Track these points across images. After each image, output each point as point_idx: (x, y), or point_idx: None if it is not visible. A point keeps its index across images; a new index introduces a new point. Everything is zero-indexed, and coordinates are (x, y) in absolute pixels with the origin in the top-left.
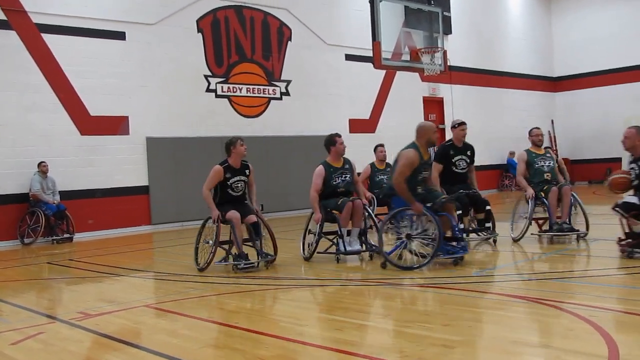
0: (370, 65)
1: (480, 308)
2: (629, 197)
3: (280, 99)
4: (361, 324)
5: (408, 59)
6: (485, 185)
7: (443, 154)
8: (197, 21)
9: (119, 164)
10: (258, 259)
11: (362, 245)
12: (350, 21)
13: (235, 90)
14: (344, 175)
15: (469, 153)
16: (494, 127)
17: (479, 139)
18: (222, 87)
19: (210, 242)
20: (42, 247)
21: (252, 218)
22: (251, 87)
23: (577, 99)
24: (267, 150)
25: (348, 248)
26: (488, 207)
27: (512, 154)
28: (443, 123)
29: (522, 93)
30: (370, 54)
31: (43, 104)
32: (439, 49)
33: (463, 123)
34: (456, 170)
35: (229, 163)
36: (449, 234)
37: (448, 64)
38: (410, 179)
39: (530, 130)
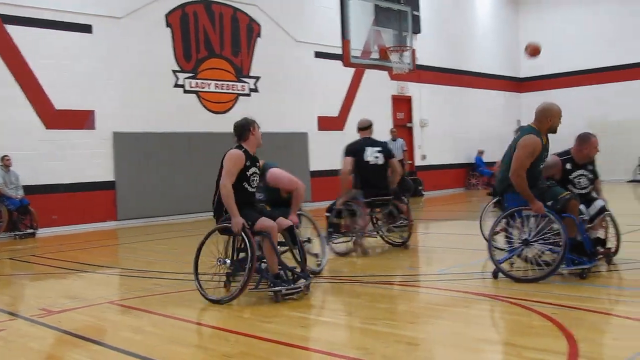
0: (340, 63)
1: (446, 306)
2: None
3: (249, 95)
4: (326, 321)
5: (377, 57)
6: (452, 183)
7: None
8: (166, 15)
9: (85, 159)
10: (296, 277)
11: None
12: (320, 19)
13: (203, 85)
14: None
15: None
16: (461, 126)
17: (447, 138)
18: (190, 82)
19: (228, 261)
20: (4, 243)
21: (287, 221)
22: (220, 82)
23: (542, 100)
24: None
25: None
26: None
27: (480, 152)
28: (411, 122)
29: (490, 93)
30: (339, 51)
31: (6, 97)
32: (408, 47)
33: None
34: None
35: (245, 149)
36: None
37: (417, 62)
38: (529, 171)
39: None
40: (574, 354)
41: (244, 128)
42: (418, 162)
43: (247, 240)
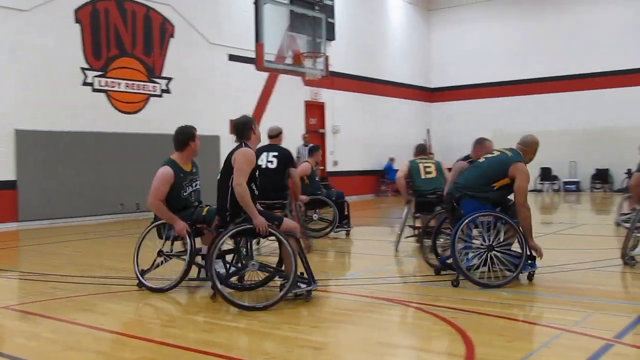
0: (253, 66)
1: (349, 310)
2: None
3: (161, 96)
4: (231, 325)
5: (291, 62)
6: (363, 190)
7: None
8: (75, 11)
9: None
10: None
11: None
12: (234, 21)
13: (113, 84)
14: (194, 183)
15: None
16: (373, 134)
17: (359, 145)
18: (99, 81)
19: (256, 263)
20: None
21: (294, 223)
22: (131, 82)
23: (451, 110)
24: (146, 148)
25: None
26: None
27: (391, 159)
28: (323, 128)
29: (402, 102)
30: (253, 55)
31: None
32: (321, 54)
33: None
34: None
35: (250, 147)
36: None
37: (330, 69)
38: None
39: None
40: (471, 356)
41: (246, 126)
42: (330, 168)
43: (283, 240)
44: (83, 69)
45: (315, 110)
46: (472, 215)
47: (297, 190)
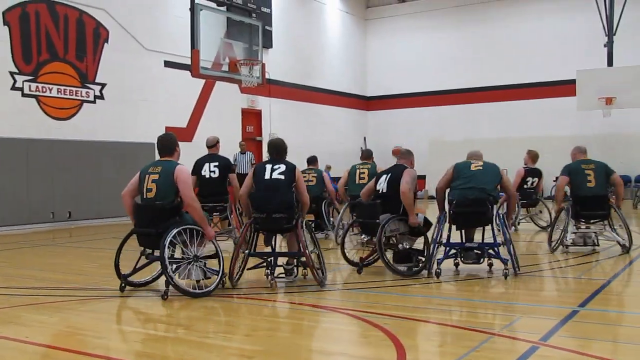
0: (190, 73)
1: (282, 318)
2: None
3: (94, 102)
4: (161, 335)
5: (227, 69)
6: None
7: None
8: (3, 13)
9: None
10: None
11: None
12: (170, 27)
13: (44, 90)
14: None
15: None
16: (311, 141)
17: (296, 153)
18: (30, 85)
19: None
20: None
21: None
22: (62, 87)
23: (387, 119)
24: (78, 155)
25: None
26: None
27: (328, 167)
28: (260, 135)
29: (339, 110)
30: (189, 62)
31: None
32: (258, 61)
33: None
34: None
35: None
36: None
37: (267, 77)
38: None
39: None
40: None
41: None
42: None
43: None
44: (12, 73)
45: (252, 117)
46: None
47: (236, 194)
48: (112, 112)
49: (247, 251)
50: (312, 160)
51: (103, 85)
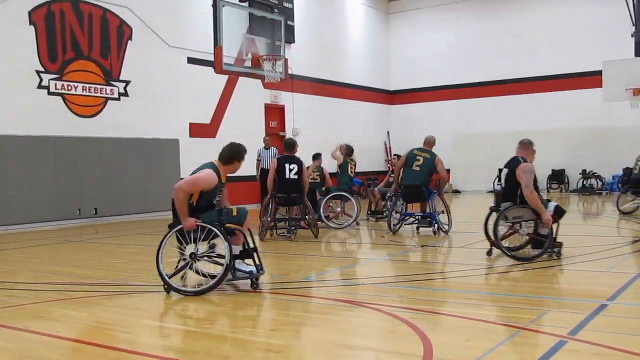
0: (213, 69)
1: (308, 312)
2: None
3: (118, 99)
4: (188, 330)
5: (250, 65)
6: None
7: None
8: (29, 12)
9: None
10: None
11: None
12: (193, 24)
13: (70, 88)
14: (220, 194)
15: None
16: (333, 136)
17: (319, 147)
18: (55, 84)
19: None
20: None
21: None
22: (87, 85)
23: (411, 112)
24: (103, 152)
25: (246, 269)
26: None
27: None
28: (284, 130)
29: (361, 104)
30: (212, 58)
31: None
32: (281, 56)
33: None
34: None
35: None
36: None
37: (290, 72)
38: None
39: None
40: (429, 356)
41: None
42: None
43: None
44: (38, 71)
45: (275, 113)
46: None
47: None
48: (136, 109)
49: (269, 217)
50: (316, 157)
51: (127, 82)
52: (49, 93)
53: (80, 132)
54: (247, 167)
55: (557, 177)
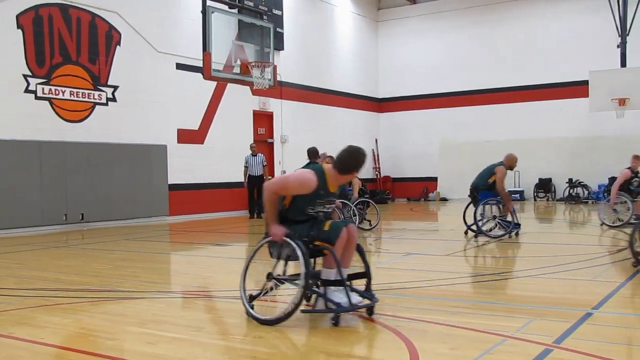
0: (201, 75)
1: (294, 320)
2: None
3: (106, 104)
4: (175, 337)
5: (239, 72)
6: None
7: None
8: (17, 16)
9: None
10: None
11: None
12: (182, 30)
13: (57, 92)
14: (328, 206)
15: None
16: (322, 144)
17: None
18: (43, 88)
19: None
20: None
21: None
22: (75, 90)
23: (399, 120)
24: (91, 157)
25: (353, 300)
26: None
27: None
28: (272, 137)
29: (350, 112)
30: (201, 64)
31: None
32: (269, 63)
33: None
34: None
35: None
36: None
37: (278, 79)
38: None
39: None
40: None
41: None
42: None
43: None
44: (25, 76)
45: (263, 119)
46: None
47: None
48: (124, 114)
49: None
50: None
51: (115, 87)
52: (36, 97)
53: (67, 137)
54: (235, 174)
55: (544, 185)
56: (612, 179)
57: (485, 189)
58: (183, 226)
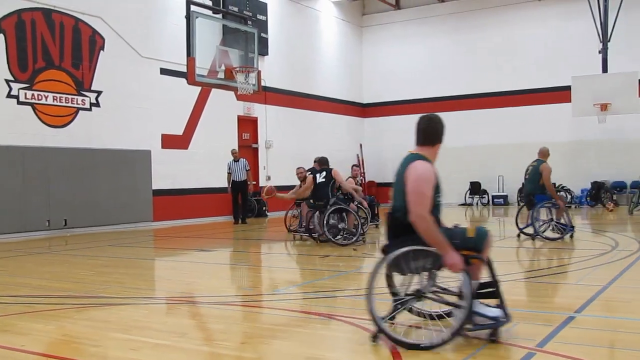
0: (186, 80)
1: (279, 325)
2: None
3: (90, 109)
4: (158, 343)
5: (223, 77)
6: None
7: None
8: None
9: None
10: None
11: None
12: (166, 35)
13: (40, 97)
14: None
15: None
16: (306, 149)
17: (292, 160)
18: (25, 93)
19: None
20: None
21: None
22: (58, 95)
23: (383, 125)
24: (73, 162)
25: (490, 314)
26: None
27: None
28: (257, 142)
29: (334, 117)
30: (185, 69)
31: None
32: (254, 69)
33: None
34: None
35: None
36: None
37: (263, 84)
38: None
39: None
40: None
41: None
42: (263, 182)
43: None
44: (7, 81)
45: (248, 125)
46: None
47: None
48: (108, 119)
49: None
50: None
51: (99, 92)
52: (19, 102)
53: (50, 142)
54: (219, 179)
55: None
56: (595, 184)
57: (540, 192)
58: (167, 232)
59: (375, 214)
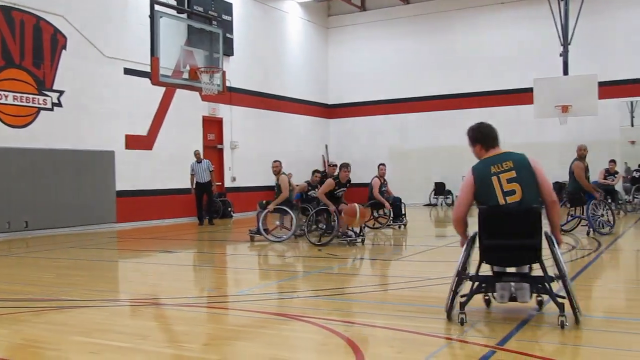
0: (149, 81)
1: (242, 326)
2: None
3: (52, 109)
4: (120, 346)
5: (187, 77)
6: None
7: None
8: None
9: None
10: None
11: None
12: (130, 35)
13: (0, 97)
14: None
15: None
16: (272, 149)
17: (257, 160)
18: None
19: None
20: None
21: None
22: (19, 95)
23: (349, 126)
24: (34, 163)
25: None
26: None
27: (289, 175)
28: (222, 143)
29: (300, 118)
30: (149, 69)
31: None
32: (219, 69)
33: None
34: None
35: None
36: None
37: (228, 85)
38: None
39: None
40: None
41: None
42: (228, 183)
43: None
44: None
45: (213, 125)
46: None
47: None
48: (70, 119)
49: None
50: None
51: (61, 92)
52: None
53: (10, 143)
54: (184, 180)
55: None
56: (556, 184)
57: (583, 190)
58: (131, 233)
59: (403, 214)
